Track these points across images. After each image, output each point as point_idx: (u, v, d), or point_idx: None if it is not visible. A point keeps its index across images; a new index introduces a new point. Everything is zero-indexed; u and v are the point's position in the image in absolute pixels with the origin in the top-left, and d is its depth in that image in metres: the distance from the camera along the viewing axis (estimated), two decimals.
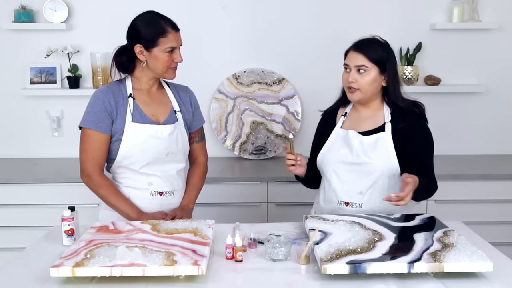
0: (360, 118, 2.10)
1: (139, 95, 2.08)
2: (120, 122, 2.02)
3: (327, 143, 2.11)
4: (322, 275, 1.56)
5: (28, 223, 2.97)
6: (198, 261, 1.55)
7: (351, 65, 2.01)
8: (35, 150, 3.45)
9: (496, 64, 3.43)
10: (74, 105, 3.40)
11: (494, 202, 3.03)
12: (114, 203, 2.05)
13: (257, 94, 3.38)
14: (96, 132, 2.00)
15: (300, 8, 3.36)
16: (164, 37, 1.98)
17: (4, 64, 3.36)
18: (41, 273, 1.63)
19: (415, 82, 3.33)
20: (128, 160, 2.04)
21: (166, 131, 2.06)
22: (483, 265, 1.55)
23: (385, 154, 2.01)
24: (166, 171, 2.10)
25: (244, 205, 2.98)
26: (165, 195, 2.11)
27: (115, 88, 2.07)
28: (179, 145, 2.12)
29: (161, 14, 2.05)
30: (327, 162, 2.09)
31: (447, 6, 3.36)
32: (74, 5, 3.31)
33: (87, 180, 2.05)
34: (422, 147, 2.04)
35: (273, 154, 3.40)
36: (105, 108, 2.01)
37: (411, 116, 2.05)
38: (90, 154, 2.02)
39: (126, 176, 2.08)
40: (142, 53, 2.01)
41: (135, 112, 2.05)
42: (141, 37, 2.00)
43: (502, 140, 3.51)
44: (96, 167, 2.03)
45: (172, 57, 2.02)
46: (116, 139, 2.03)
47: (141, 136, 2.03)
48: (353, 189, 2.04)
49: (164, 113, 2.11)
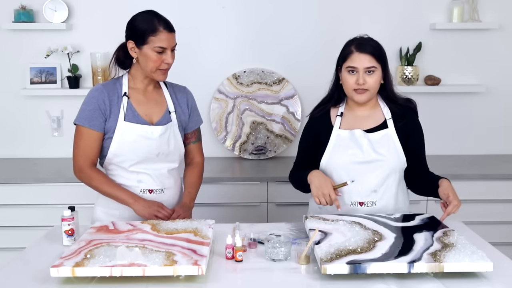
0: (358, 117, 2.09)
1: (135, 94, 2.09)
2: (113, 121, 2.04)
3: (329, 146, 2.08)
4: (322, 275, 1.56)
5: (28, 223, 2.97)
6: (198, 261, 1.55)
7: (360, 67, 1.97)
8: (35, 150, 3.45)
9: (496, 64, 3.43)
10: (74, 105, 3.37)
11: (494, 202, 3.03)
12: (109, 192, 2.05)
13: (257, 94, 3.38)
14: (88, 130, 2.03)
15: (300, 8, 3.36)
16: (154, 36, 1.98)
17: (4, 64, 3.36)
18: (41, 273, 1.63)
19: (415, 82, 3.33)
20: (118, 158, 2.05)
21: (157, 132, 2.06)
22: (483, 265, 1.55)
23: (394, 150, 2.04)
24: (156, 169, 2.10)
25: (244, 205, 2.98)
26: (155, 193, 2.11)
27: (110, 86, 2.08)
28: (171, 146, 2.11)
29: (159, 14, 2.04)
30: (335, 164, 2.06)
31: (447, 6, 3.36)
32: (74, 5, 3.31)
33: (79, 174, 2.07)
34: (420, 142, 2.12)
35: (273, 154, 3.40)
36: (99, 107, 2.03)
37: (409, 113, 2.10)
38: (82, 150, 2.04)
39: (117, 173, 2.09)
40: (133, 49, 2.03)
41: (128, 111, 2.05)
42: (133, 33, 2.02)
43: (502, 140, 3.51)
44: (87, 162, 2.05)
45: (162, 58, 2.00)
46: (108, 136, 2.05)
47: (131, 135, 2.03)
48: (366, 188, 2.04)
49: (158, 113, 2.11)
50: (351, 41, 2.05)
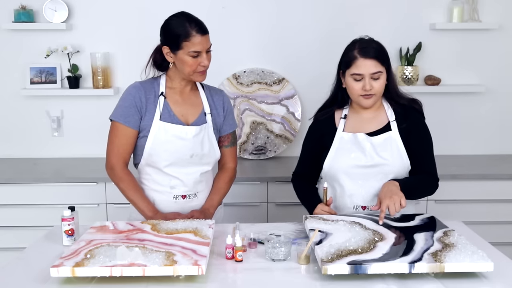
0: (362, 119, 2.08)
1: (172, 94, 2.09)
2: (148, 119, 2.04)
3: (332, 149, 2.06)
4: (322, 275, 1.56)
5: (28, 223, 2.97)
6: (198, 261, 1.55)
7: (366, 73, 1.94)
8: (35, 150, 3.45)
9: (496, 64, 3.43)
10: (74, 105, 3.41)
11: (494, 202, 3.03)
12: (132, 199, 2.06)
13: (257, 94, 3.38)
14: (124, 126, 2.03)
15: (300, 8, 3.36)
16: (188, 41, 1.97)
17: (4, 64, 3.36)
18: (41, 273, 1.63)
19: (415, 82, 3.33)
20: (153, 158, 2.05)
21: (191, 132, 2.06)
22: (483, 265, 1.55)
23: (397, 153, 2.02)
24: (189, 173, 2.09)
25: (244, 205, 2.98)
26: (188, 197, 2.11)
27: (148, 85, 2.08)
28: (205, 148, 2.10)
29: (191, 16, 2.03)
30: (338, 168, 2.04)
31: (447, 6, 3.36)
32: (74, 5, 3.31)
33: (110, 171, 2.08)
34: (424, 144, 2.07)
35: (273, 154, 3.40)
36: (135, 104, 2.03)
37: (412, 114, 2.07)
38: (116, 147, 2.05)
39: (151, 177, 2.09)
40: (169, 54, 2.03)
41: (165, 110, 2.06)
42: (167, 39, 2.02)
43: (502, 140, 3.51)
44: (120, 160, 2.05)
45: (198, 61, 2.00)
46: (143, 135, 2.05)
47: (165, 135, 2.04)
48: (369, 192, 2.02)
49: (194, 114, 2.11)
50: (352, 45, 2.00)
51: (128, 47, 3.31)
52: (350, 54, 1.98)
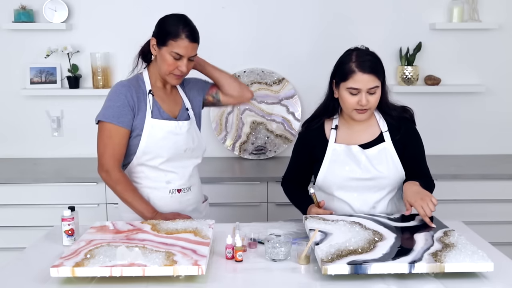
0: (353, 130, 2.04)
1: (157, 91, 2.10)
2: (141, 118, 2.03)
3: (325, 161, 2.02)
4: (322, 275, 1.56)
5: (28, 223, 2.97)
6: (198, 261, 1.55)
7: (363, 88, 1.89)
8: (35, 150, 3.45)
9: (496, 64, 3.43)
10: (74, 105, 3.40)
11: (494, 202, 3.03)
12: (130, 201, 2.04)
13: (257, 94, 3.38)
14: (117, 127, 2.00)
15: (300, 8, 3.36)
16: (174, 41, 1.98)
17: (4, 64, 3.36)
18: (41, 273, 1.63)
19: (415, 82, 3.33)
20: (147, 156, 2.05)
21: (185, 127, 2.09)
22: (484, 265, 1.55)
23: (392, 165, 2.00)
24: (184, 167, 2.12)
25: (244, 205, 2.98)
26: (183, 191, 2.13)
27: (134, 83, 2.08)
28: (195, 141, 2.14)
29: (189, 21, 2.04)
30: (332, 180, 2.02)
31: (447, 6, 3.36)
32: (74, 5, 3.31)
33: (105, 175, 2.03)
34: (417, 151, 2.07)
35: (273, 154, 3.40)
36: (128, 103, 2.01)
37: (405, 124, 2.05)
38: (111, 149, 2.00)
39: (144, 175, 2.08)
40: (154, 47, 2.04)
41: (154, 108, 2.06)
42: (158, 32, 2.04)
43: (502, 140, 3.51)
44: (116, 163, 2.02)
45: (177, 64, 2.00)
46: (136, 134, 2.03)
47: (160, 132, 2.04)
48: (365, 204, 2.02)
49: (177, 110, 2.13)
50: (348, 57, 1.94)
51: (128, 47, 3.27)
52: (347, 67, 1.91)
